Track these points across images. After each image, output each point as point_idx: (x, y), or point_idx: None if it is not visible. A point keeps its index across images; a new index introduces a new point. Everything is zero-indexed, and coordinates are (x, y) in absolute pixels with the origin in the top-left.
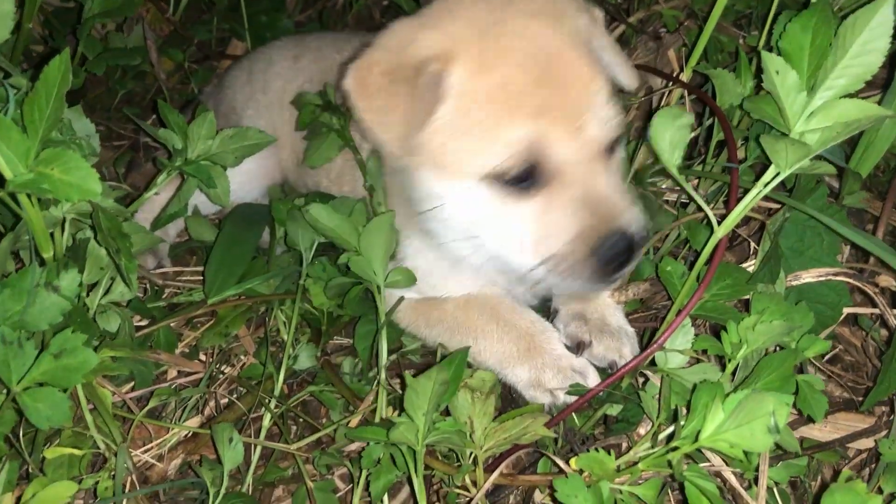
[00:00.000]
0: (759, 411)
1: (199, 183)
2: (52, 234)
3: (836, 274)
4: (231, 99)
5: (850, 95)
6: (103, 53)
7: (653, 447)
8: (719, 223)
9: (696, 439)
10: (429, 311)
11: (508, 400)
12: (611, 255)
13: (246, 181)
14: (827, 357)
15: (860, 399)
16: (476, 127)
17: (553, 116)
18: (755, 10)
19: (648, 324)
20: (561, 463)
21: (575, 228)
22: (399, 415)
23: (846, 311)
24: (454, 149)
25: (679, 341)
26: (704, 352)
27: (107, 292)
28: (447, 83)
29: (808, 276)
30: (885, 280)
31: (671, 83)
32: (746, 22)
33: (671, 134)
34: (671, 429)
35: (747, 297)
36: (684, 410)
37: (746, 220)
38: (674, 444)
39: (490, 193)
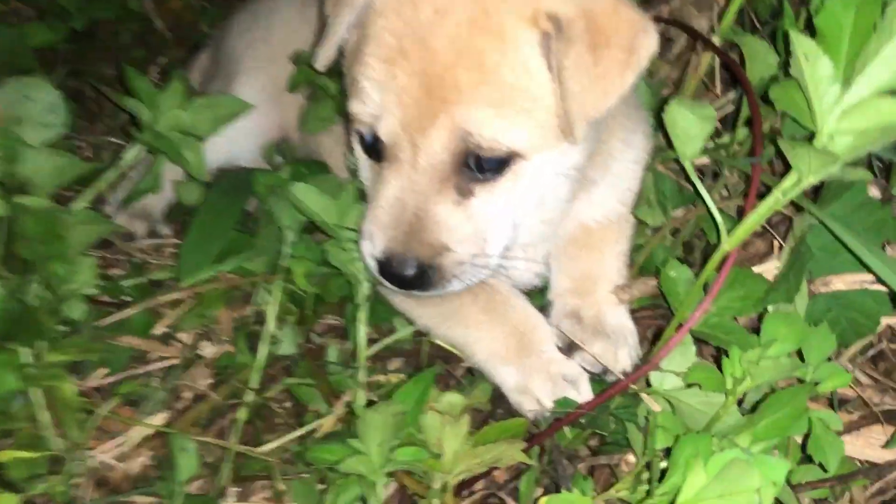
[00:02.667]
0: (745, 484)
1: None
2: None
3: (873, 282)
4: (231, 47)
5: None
6: (84, 7)
7: (635, 488)
8: (738, 219)
9: (675, 500)
10: None
11: (499, 398)
12: (387, 276)
13: (239, 138)
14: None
15: None
16: (358, 64)
17: (402, 101)
18: None
19: (657, 322)
20: None
21: (379, 223)
22: None
23: (885, 321)
24: (347, 78)
25: (677, 361)
26: None
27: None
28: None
29: (841, 283)
30: None
31: (701, 44)
32: None
33: (687, 125)
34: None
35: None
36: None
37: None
38: (649, 502)
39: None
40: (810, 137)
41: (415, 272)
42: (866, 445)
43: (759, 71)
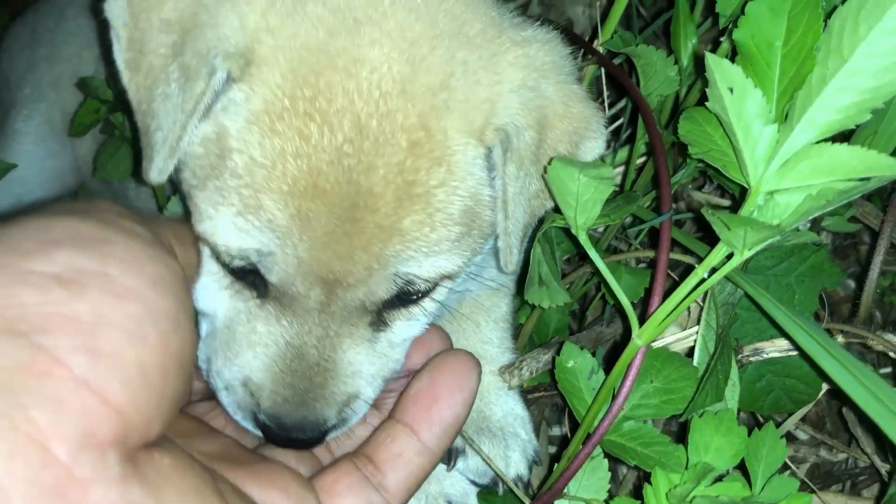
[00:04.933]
0: None
1: None
2: None
3: None
4: (6, 70)
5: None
6: None
7: None
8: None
9: None
10: None
11: None
12: (278, 441)
13: (22, 190)
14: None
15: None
16: (227, 175)
17: (313, 250)
18: None
19: (556, 399)
20: None
21: (264, 374)
22: None
23: (826, 385)
24: (200, 181)
25: (588, 484)
26: None
27: None
28: (230, 93)
29: (773, 349)
30: (877, 343)
31: (585, 54)
32: None
33: (579, 189)
34: None
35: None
36: None
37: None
38: None
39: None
40: (742, 193)
41: (316, 435)
42: None
43: (657, 87)
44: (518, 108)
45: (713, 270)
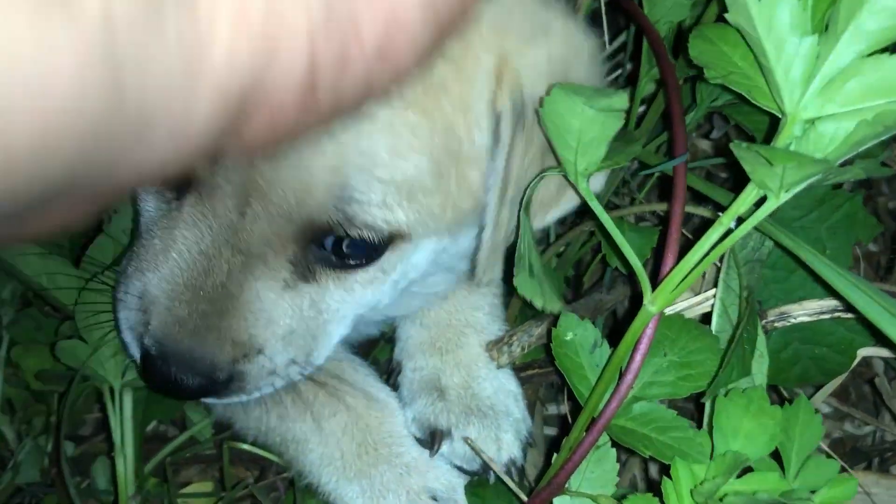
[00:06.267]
0: None
1: None
2: None
3: (843, 309)
4: None
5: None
6: None
7: None
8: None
9: None
10: None
11: None
12: (154, 377)
13: None
14: None
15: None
16: None
17: None
18: None
19: (551, 377)
20: None
21: (162, 284)
22: None
23: (862, 352)
24: None
25: (591, 475)
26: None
27: None
28: None
29: (802, 313)
30: None
31: None
32: None
33: (582, 125)
34: None
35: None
36: None
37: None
38: None
39: None
40: (772, 123)
41: (200, 381)
42: None
43: (666, 13)
44: (545, 77)
45: (740, 221)
